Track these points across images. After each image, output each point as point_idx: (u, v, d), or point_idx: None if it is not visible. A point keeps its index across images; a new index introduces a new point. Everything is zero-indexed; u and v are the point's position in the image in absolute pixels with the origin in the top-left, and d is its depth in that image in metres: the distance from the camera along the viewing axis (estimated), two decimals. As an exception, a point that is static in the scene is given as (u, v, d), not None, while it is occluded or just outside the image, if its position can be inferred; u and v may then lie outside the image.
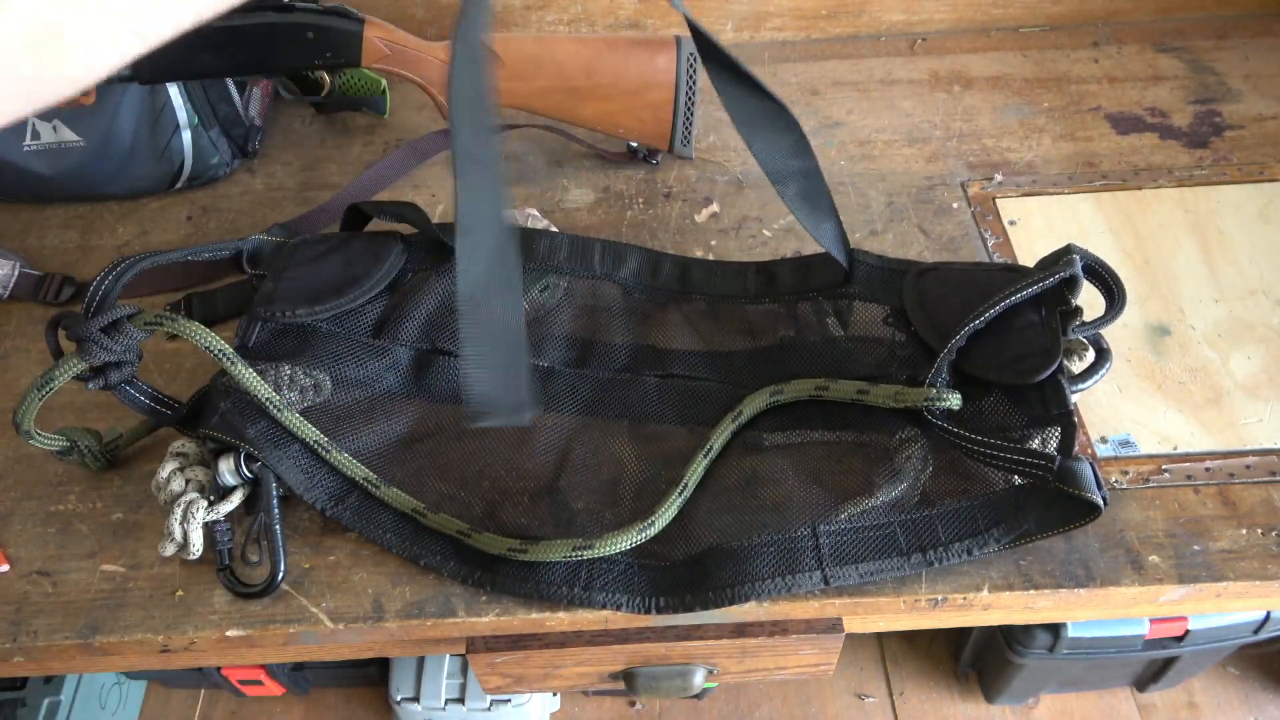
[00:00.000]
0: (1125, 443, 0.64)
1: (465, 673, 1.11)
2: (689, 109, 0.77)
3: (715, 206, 0.81)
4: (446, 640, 0.65)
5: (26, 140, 0.77)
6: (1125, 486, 0.62)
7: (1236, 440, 0.63)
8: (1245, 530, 0.59)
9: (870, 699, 1.27)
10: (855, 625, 0.64)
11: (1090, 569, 0.58)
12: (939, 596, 0.57)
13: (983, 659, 1.22)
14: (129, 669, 0.70)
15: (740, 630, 0.62)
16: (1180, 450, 0.63)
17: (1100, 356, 0.60)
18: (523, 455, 0.63)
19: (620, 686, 0.70)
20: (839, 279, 0.68)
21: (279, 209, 0.83)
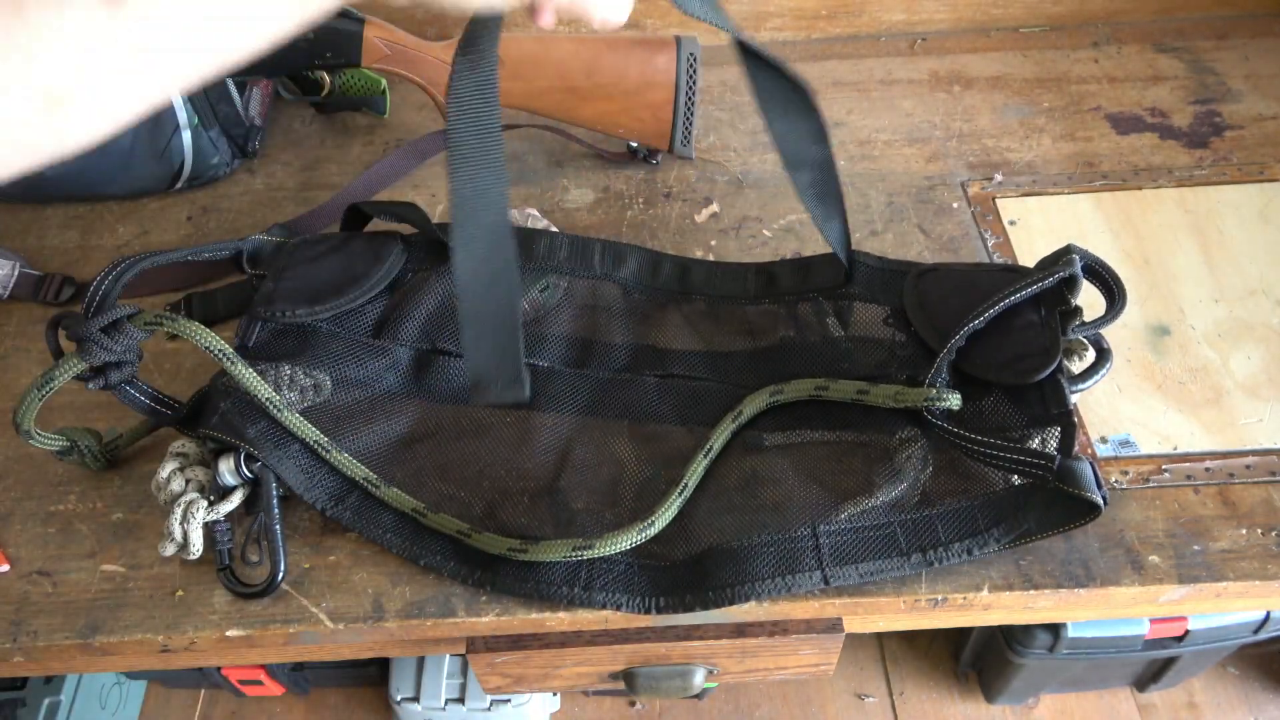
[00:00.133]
0: (1125, 443, 0.64)
1: (465, 673, 1.11)
2: (689, 109, 0.77)
3: (715, 206, 0.81)
4: (446, 640, 0.65)
5: (26, 140, 0.77)
6: (1125, 486, 0.62)
7: (1236, 440, 0.63)
8: (1245, 530, 0.59)
9: (870, 699, 1.27)
10: (855, 625, 0.64)
11: (1090, 569, 0.58)
12: (939, 596, 0.57)
13: (983, 659, 1.22)
14: (129, 669, 0.70)
15: (740, 630, 0.62)
16: (1180, 450, 0.63)
17: (1100, 356, 0.60)
18: (523, 455, 0.63)
19: (620, 686, 0.70)
20: (839, 280, 0.68)
21: (279, 209, 0.82)
